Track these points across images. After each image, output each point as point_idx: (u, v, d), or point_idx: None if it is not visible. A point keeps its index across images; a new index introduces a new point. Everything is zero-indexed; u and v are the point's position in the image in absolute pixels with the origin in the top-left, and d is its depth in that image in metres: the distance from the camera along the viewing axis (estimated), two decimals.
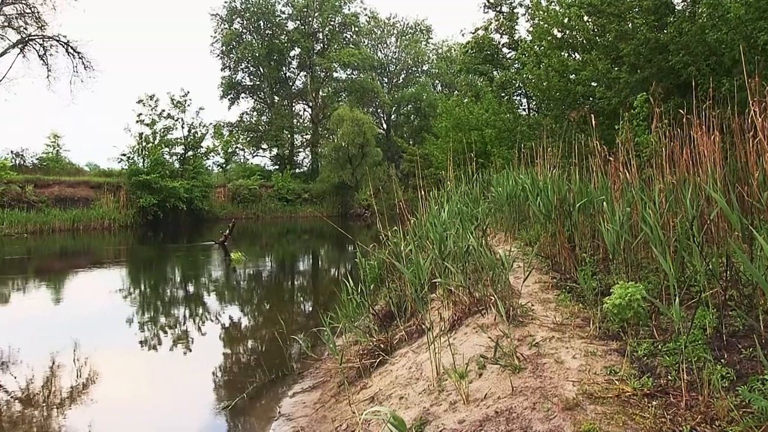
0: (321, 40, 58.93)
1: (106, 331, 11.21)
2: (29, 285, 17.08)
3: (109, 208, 37.07)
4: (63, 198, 35.37)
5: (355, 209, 46.29)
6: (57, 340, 9.99)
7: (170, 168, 40.77)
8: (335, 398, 6.03)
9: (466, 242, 6.22)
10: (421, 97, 59.91)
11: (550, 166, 9.10)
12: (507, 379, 4.03)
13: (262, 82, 59.00)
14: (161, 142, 41.11)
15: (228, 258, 20.68)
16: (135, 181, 37.73)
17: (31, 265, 21.60)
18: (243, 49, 55.29)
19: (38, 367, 8.57)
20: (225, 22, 56.37)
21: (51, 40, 40.16)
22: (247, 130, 58.20)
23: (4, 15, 38.57)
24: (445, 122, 29.36)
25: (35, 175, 36.28)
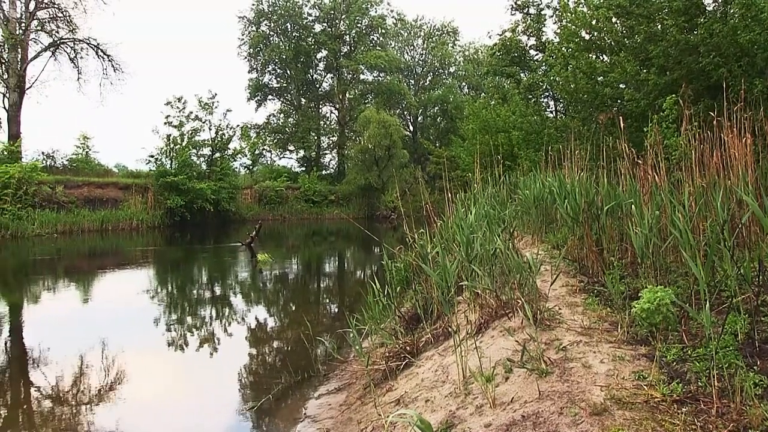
0: (348, 42, 59.05)
1: (133, 331, 11.33)
2: (59, 285, 17.34)
3: (137, 209, 37.44)
4: (92, 199, 35.80)
5: (381, 211, 46.31)
6: (85, 339, 10.12)
7: (197, 169, 41.11)
8: (361, 400, 6.04)
9: (493, 245, 6.19)
10: (447, 99, 59.83)
11: (577, 169, 9.03)
12: (534, 383, 4.01)
13: (289, 84, 59.26)
14: (189, 143, 41.46)
15: (254, 259, 20.80)
16: (163, 183, 38.12)
17: (61, 265, 21.91)
18: (270, 51, 55.59)
19: (68, 365, 8.69)
20: (252, 25, 56.73)
21: (82, 43, 40.89)
22: (274, 132, 58.49)
23: (37, 19, 39.30)
24: (472, 124, 29.23)
25: (65, 176, 36.73)
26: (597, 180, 8.13)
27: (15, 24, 37.67)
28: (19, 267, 21.65)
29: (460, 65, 67.70)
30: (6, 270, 20.86)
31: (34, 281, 17.83)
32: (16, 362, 9.26)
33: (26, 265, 22.30)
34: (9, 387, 8.07)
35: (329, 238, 35.00)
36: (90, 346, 9.60)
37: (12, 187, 30.33)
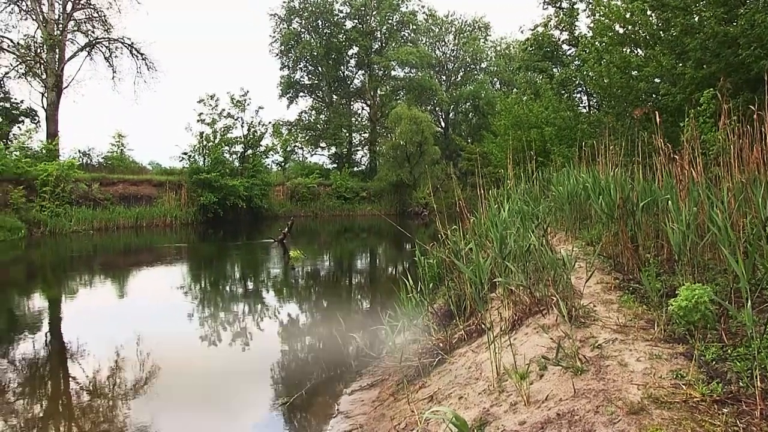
0: (379, 39, 58.99)
1: (167, 325, 11.46)
2: (95, 280, 17.63)
3: (171, 205, 37.82)
4: (127, 196, 36.22)
5: (413, 208, 46.22)
6: (121, 333, 10.26)
7: (230, 166, 41.38)
8: (393, 396, 6.03)
9: (526, 241, 6.15)
10: (479, 95, 59.48)
11: (612, 165, 8.93)
12: (569, 380, 3.97)
13: (321, 81, 59.40)
14: (221, 140, 41.75)
15: (287, 256, 20.91)
16: (196, 180, 38.46)
17: (97, 262, 22.25)
18: (301, 48, 55.75)
19: (104, 359, 8.82)
20: (284, 22, 56.93)
21: (116, 42, 41.53)
22: (306, 129, 58.70)
23: (74, 20, 39.99)
24: (504, 120, 29.10)
25: (101, 173, 37.22)
26: (632, 176, 8.03)
27: (53, 25, 38.36)
28: (57, 263, 22.05)
29: (491, 61, 67.24)
30: (45, 266, 21.27)
31: (71, 277, 18.14)
32: (55, 356, 9.43)
33: (64, 261, 22.70)
34: (49, 379, 8.22)
35: (361, 235, 35.05)
36: (125, 340, 9.73)
37: (50, 185, 30.87)
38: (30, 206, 29.58)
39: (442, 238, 8.35)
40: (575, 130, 20.28)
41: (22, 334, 10.75)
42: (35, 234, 28.69)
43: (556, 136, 22.23)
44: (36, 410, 6.97)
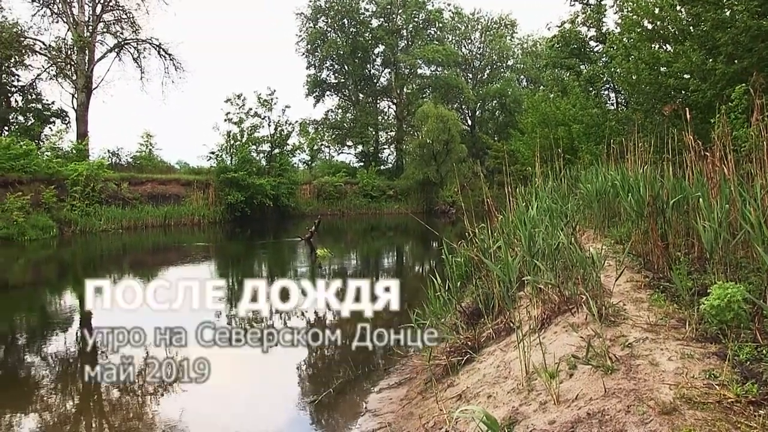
0: (405, 37, 58.92)
1: (195, 323, 11.54)
2: (125, 278, 17.82)
3: (199, 204, 38.11)
4: (155, 195, 36.51)
5: (440, 206, 46.13)
6: (149, 331, 10.35)
7: (257, 165, 41.58)
8: (422, 395, 6.03)
9: (555, 240, 6.10)
10: (506, 92, 59.18)
11: (641, 162, 8.83)
12: (599, 380, 3.93)
13: (347, 80, 59.47)
14: (248, 140, 41.98)
15: (314, 254, 20.97)
16: (223, 179, 38.70)
17: (127, 260, 22.53)
18: (327, 47, 55.85)
19: (133, 356, 8.91)
20: (310, 21, 57.06)
21: (144, 43, 42.01)
22: (332, 128, 58.79)
23: (103, 21, 40.51)
24: (531, 118, 28.93)
25: (130, 173, 37.57)
26: (662, 173, 7.93)
27: (83, 27, 38.90)
28: (88, 261, 22.36)
29: (518, 58, 66.86)
30: (76, 264, 21.58)
31: (101, 275, 18.36)
32: (85, 352, 9.56)
33: (94, 259, 23.02)
34: (80, 376, 8.34)
35: (387, 233, 35.05)
36: (154, 338, 9.82)
37: (80, 185, 31.26)
38: (61, 205, 30.00)
39: (469, 237, 8.32)
40: (603, 127, 20.09)
41: (55, 329, 10.93)
42: (66, 233, 29.09)
43: (584, 134, 22.04)
44: (77, 398, 7.08)
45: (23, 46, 38.17)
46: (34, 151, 31.79)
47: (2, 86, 38.73)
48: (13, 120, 39.32)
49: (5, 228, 25.70)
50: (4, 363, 9.36)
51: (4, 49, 36.25)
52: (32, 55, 39.18)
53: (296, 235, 27.06)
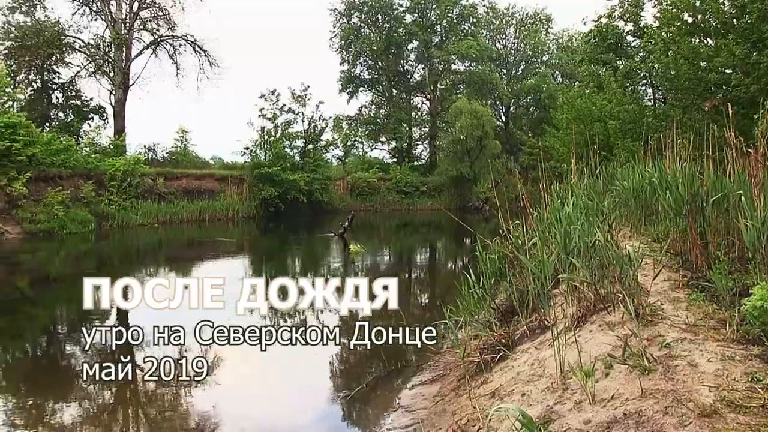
0: (439, 32, 58.61)
1: (227, 316, 11.65)
2: (161, 272, 18.11)
3: (233, 199, 38.44)
4: (190, 190, 36.87)
5: (473, 202, 45.91)
6: (184, 324, 10.47)
7: (291, 161, 41.77)
8: (455, 392, 6.02)
9: (591, 237, 6.03)
10: (540, 88, 58.58)
11: (679, 159, 8.68)
12: (636, 380, 3.88)
13: (381, 76, 59.38)
14: (282, 135, 42.22)
15: (347, 250, 21.03)
16: (257, 174, 38.99)
17: (162, 254, 22.85)
18: (361, 43, 55.84)
19: (168, 349, 9.03)
20: (343, 17, 57.07)
21: (180, 39, 42.44)
22: (366, 123, 58.78)
23: (140, 18, 41.05)
24: (566, 114, 28.63)
25: (165, 168, 37.97)
26: (701, 170, 7.79)
27: (120, 24, 39.48)
28: (125, 255, 22.73)
29: (553, 53, 66.11)
30: (113, 257, 21.94)
31: (137, 269, 18.66)
32: (122, 345, 9.70)
33: (131, 253, 23.39)
34: (114, 369, 8.46)
35: (420, 229, 35.02)
36: (188, 331, 9.92)
37: (118, 180, 31.77)
38: (99, 200, 30.51)
39: (503, 233, 8.27)
40: (640, 123, 19.77)
41: (93, 322, 11.11)
42: (104, 227, 29.59)
43: (620, 130, 21.74)
44: (115, 390, 7.20)
45: (64, 44, 38.93)
46: (73, 147, 32.39)
47: (44, 84, 39.52)
48: (53, 116, 40.11)
49: (46, 222, 26.29)
50: (46, 354, 9.55)
51: (46, 47, 37.01)
52: (72, 52, 40.04)
53: (329, 231, 27.15)
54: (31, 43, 36.40)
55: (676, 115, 14.96)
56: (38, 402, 7.15)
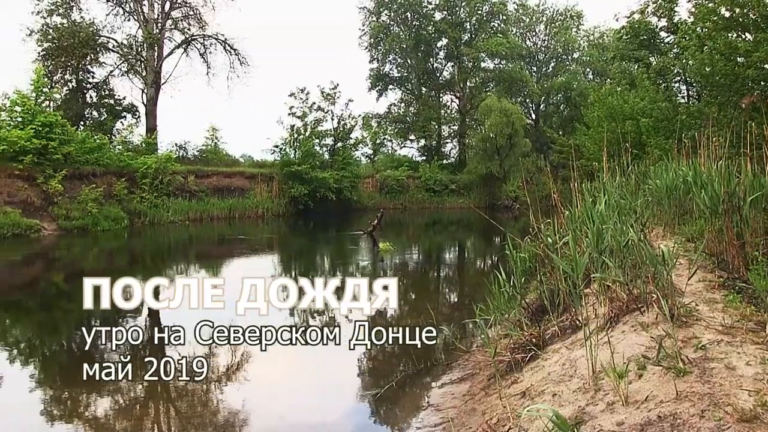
0: (468, 30, 58.31)
1: (258, 313, 11.70)
2: (192, 268, 18.30)
3: (263, 197, 38.66)
4: (220, 188, 37.17)
5: (503, 201, 45.66)
6: (213, 321, 10.54)
7: (320, 159, 41.97)
8: (485, 391, 5.98)
9: (624, 236, 5.94)
10: (571, 86, 58.05)
11: (715, 157, 8.53)
12: (670, 382, 3.81)
13: (410, 74, 59.29)
14: (312, 133, 42.36)
15: (376, 247, 21.04)
16: (287, 172, 39.21)
17: (193, 251, 23.07)
18: (390, 41, 55.79)
19: (197, 346, 9.10)
20: (372, 15, 57.07)
21: (211, 38, 42.76)
22: (395, 122, 58.75)
23: (171, 18, 41.49)
24: (597, 112, 28.34)
25: (196, 166, 38.34)
26: (738, 169, 7.64)
27: (152, 24, 39.95)
28: (156, 251, 22.99)
29: (584, 51, 65.40)
30: (145, 254, 22.20)
31: (168, 265, 18.87)
32: (153, 340, 9.82)
33: (162, 250, 23.66)
34: (145, 364, 8.56)
35: (449, 227, 34.93)
36: (218, 327, 9.98)
37: (149, 177, 32.17)
38: (131, 197, 30.94)
39: (533, 232, 8.20)
40: (674, 121, 19.49)
41: (125, 318, 11.26)
42: (136, 224, 29.98)
43: (653, 128, 21.46)
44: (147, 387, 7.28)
45: (98, 45, 39.51)
46: (106, 145, 32.89)
47: (79, 83, 40.15)
48: (88, 115, 40.70)
49: (81, 218, 26.76)
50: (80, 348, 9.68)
51: (82, 48, 37.60)
52: (106, 52, 40.58)
53: (359, 229, 27.19)
54: (67, 44, 36.97)
55: (712, 112, 14.70)
56: (73, 395, 7.26)
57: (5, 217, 23.99)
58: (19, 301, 13.53)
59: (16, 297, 13.97)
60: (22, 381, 7.83)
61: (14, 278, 16.88)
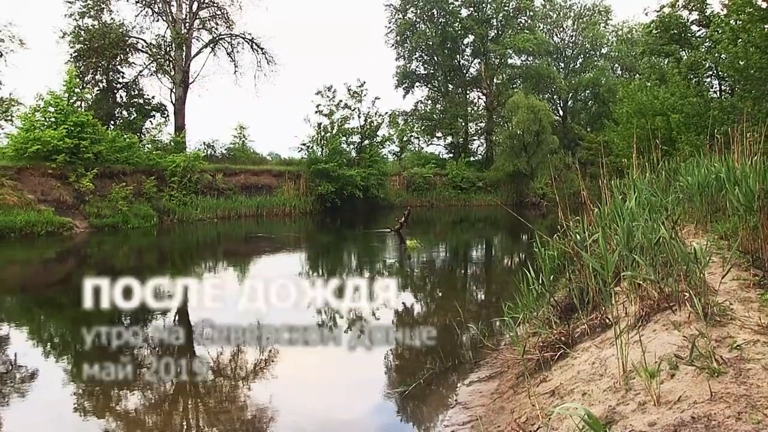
0: (495, 27, 58.00)
1: (286, 311, 11.77)
2: (220, 265, 18.44)
3: (290, 195, 38.88)
4: (248, 186, 37.46)
5: (530, 198, 45.42)
6: (242, 318, 10.60)
7: (347, 157, 42.14)
8: (513, 389, 5.93)
9: (655, 234, 5.85)
10: (599, 82, 57.49)
11: (749, 153, 8.37)
12: (704, 382, 3.73)
13: (436, 71, 59.20)
14: (339, 131, 42.52)
15: (403, 245, 21.03)
16: (314, 170, 39.41)
17: (221, 248, 23.25)
18: (417, 38, 55.72)
19: (226, 342, 9.16)
20: (399, 12, 57.01)
21: (238, 38, 43.09)
22: (422, 119, 58.66)
23: (199, 18, 41.88)
24: (626, 108, 28.07)
25: (224, 164, 38.71)
26: None
27: (181, 24, 40.34)
28: (185, 249, 23.21)
29: (612, 46, 64.74)
30: (174, 252, 22.42)
31: (197, 263, 19.03)
32: (182, 336, 9.91)
33: (191, 247, 23.88)
34: (175, 361, 8.65)
35: (477, 225, 34.81)
36: (246, 325, 10.03)
37: (178, 175, 32.52)
38: (160, 196, 31.31)
39: (561, 229, 8.13)
40: (705, 116, 19.22)
41: (155, 316, 11.40)
42: (165, 221, 30.33)
43: (684, 124, 21.19)
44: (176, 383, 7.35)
45: (128, 45, 40.03)
46: (136, 144, 33.34)
47: (109, 83, 40.72)
48: (117, 115, 41.24)
49: (111, 216, 27.17)
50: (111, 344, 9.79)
51: (112, 48, 38.13)
52: (135, 53, 41.13)
53: (386, 226, 27.20)
54: (98, 45, 37.52)
55: (746, 107, 14.44)
56: (107, 391, 7.34)
57: (39, 215, 24.43)
58: (53, 297, 13.74)
59: (51, 294, 14.19)
60: (58, 375, 7.94)
61: (49, 275, 17.16)
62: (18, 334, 10.27)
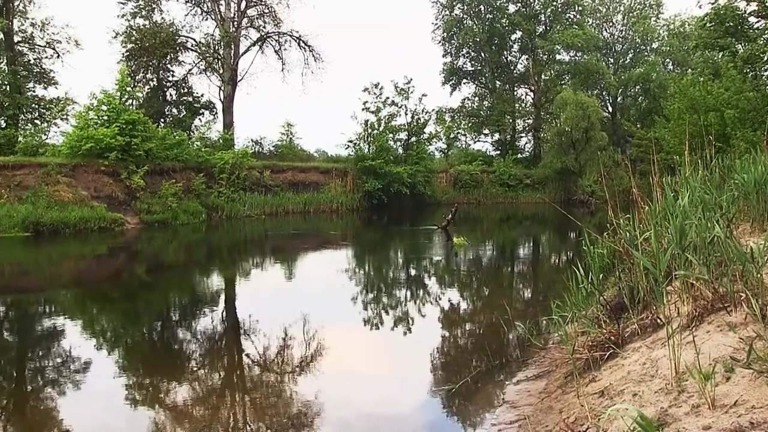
0: (543, 22, 57.36)
1: (333, 307, 11.87)
2: (268, 262, 18.67)
3: (337, 192, 39.14)
4: (295, 182, 37.81)
5: (578, 195, 44.85)
6: (289, 313, 10.71)
7: (394, 154, 42.25)
8: (561, 389, 5.87)
9: (709, 232, 5.72)
10: (650, 77, 56.40)
11: None
12: (763, 386, 3.63)
13: (483, 67, 58.85)
14: (386, 128, 42.61)
15: (450, 242, 20.97)
16: (361, 167, 39.62)
17: (269, 244, 23.51)
18: (464, 34, 55.47)
19: (273, 337, 9.29)
20: (446, 9, 56.85)
21: (285, 35, 43.56)
22: (469, 116, 58.42)
23: (247, 17, 42.44)
24: (678, 103, 27.44)
25: (271, 161, 39.14)
26: None
27: (229, 23, 40.94)
28: (233, 245, 23.56)
29: (663, 40, 63.41)
30: (222, 247, 22.76)
31: (245, 259, 19.30)
32: (230, 331, 10.08)
33: (238, 243, 24.22)
34: (223, 354, 8.81)
35: (524, 222, 34.53)
36: (293, 320, 10.14)
37: (226, 172, 32.99)
38: (209, 192, 31.79)
39: (611, 227, 8.00)
40: (762, 112, 18.69)
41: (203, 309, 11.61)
42: (213, 218, 30.80)
43: (739, 120, 20.63)
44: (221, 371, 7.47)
45: (177, 44, 40.80)
46: (185, 141, 33.91)
47: (159, 82, 41.58)
48: (167, 112, 42.09)
49: (161, 212, 27.72)
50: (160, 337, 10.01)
51: (162, 48, 38.93)
52: (185, 52, 42.06)
53: (432, 223, 27.16)
54: (149, 44, 38.41)
55: None
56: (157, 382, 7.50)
57: (92, 211, 25.06)
58: (105, 292, 14.08)
59: (104, 288, 14.54)
60: (113, 366, 8.12)
61: (102, 270, 17.59)
62: (72, 328, 10.54)
